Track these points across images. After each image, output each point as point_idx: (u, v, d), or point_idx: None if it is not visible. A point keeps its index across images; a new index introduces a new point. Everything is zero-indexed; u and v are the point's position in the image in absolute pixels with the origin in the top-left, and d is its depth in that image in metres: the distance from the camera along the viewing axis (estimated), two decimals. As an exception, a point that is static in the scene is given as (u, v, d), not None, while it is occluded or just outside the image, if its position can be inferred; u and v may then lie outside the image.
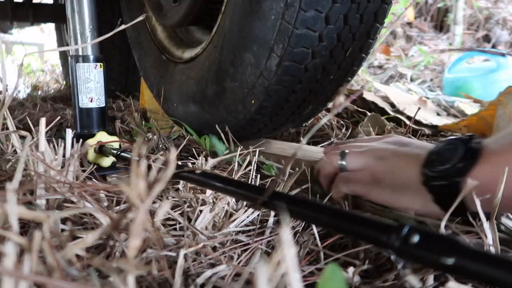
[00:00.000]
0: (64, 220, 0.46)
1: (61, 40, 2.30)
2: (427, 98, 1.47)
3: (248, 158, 0.63)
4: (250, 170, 0.62)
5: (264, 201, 0.34)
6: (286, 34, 0.63)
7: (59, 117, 0.81)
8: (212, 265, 0.40)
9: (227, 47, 0.74)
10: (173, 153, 0.26)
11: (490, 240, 0.39)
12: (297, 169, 0.57)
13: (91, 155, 0.68)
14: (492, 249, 0.39)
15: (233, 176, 0.61)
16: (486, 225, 0.39)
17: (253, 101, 0.73)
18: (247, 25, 0.68)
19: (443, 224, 0.40)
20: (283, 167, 0.68)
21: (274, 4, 0.63)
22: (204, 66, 0.81)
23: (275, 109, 0.76)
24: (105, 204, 0.51)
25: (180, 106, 0.92)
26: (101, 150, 0.67)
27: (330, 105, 0.86)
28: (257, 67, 0.69)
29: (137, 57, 1.12)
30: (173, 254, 0.40)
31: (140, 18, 0.59)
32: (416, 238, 0.26)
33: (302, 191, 0.59)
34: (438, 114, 1.35)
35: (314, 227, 0.46)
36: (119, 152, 0.61)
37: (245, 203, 0.54)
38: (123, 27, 0.56)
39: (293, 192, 0.57)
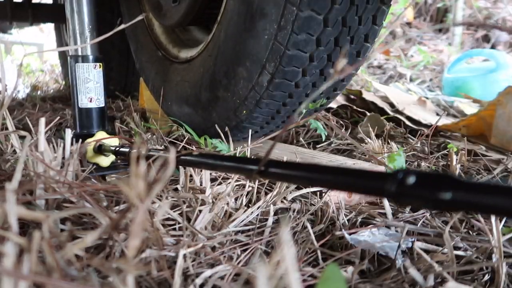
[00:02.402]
0: (63, 220, 0.46)
1: (61, 40, 2.29)
2: (427, 98, 1.47)
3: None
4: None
5: (260, 170, 0.33)
6: (278, 53, 0.65)
7: (58, 117, 0.81)
8: (212, 265, 0.40)
9: (221, 59, 0.76)
10: (173, 153, 0.26)
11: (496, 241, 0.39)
12: None
13: (91, 154, 0.67)
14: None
15: (232, 176, 0.61)
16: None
17: (244, 111, 0.76)
18: (241, 42, 0.70)
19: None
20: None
21: (268, 25, 0.65)
22: (199, 72, 0.83)
23: (266, 119, 0.79)
24: (105, 204, 0.51)
25: (174, 105, 0.93)
26: (100, 149, 0.67)
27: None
28: (249, 81, 0.71)
29: (133, 49, 1.12)
30: (173, 254, 0.40)
31: (140, 18, 0.59)
32: (412, 180, 0.25)
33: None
34: (437, 114, 1.35)
35: (311, 227, 0.46)
36: (117, 148, 0.62)
37: (244, 203, 0.54)
38: (122, 27, 0.56)
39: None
